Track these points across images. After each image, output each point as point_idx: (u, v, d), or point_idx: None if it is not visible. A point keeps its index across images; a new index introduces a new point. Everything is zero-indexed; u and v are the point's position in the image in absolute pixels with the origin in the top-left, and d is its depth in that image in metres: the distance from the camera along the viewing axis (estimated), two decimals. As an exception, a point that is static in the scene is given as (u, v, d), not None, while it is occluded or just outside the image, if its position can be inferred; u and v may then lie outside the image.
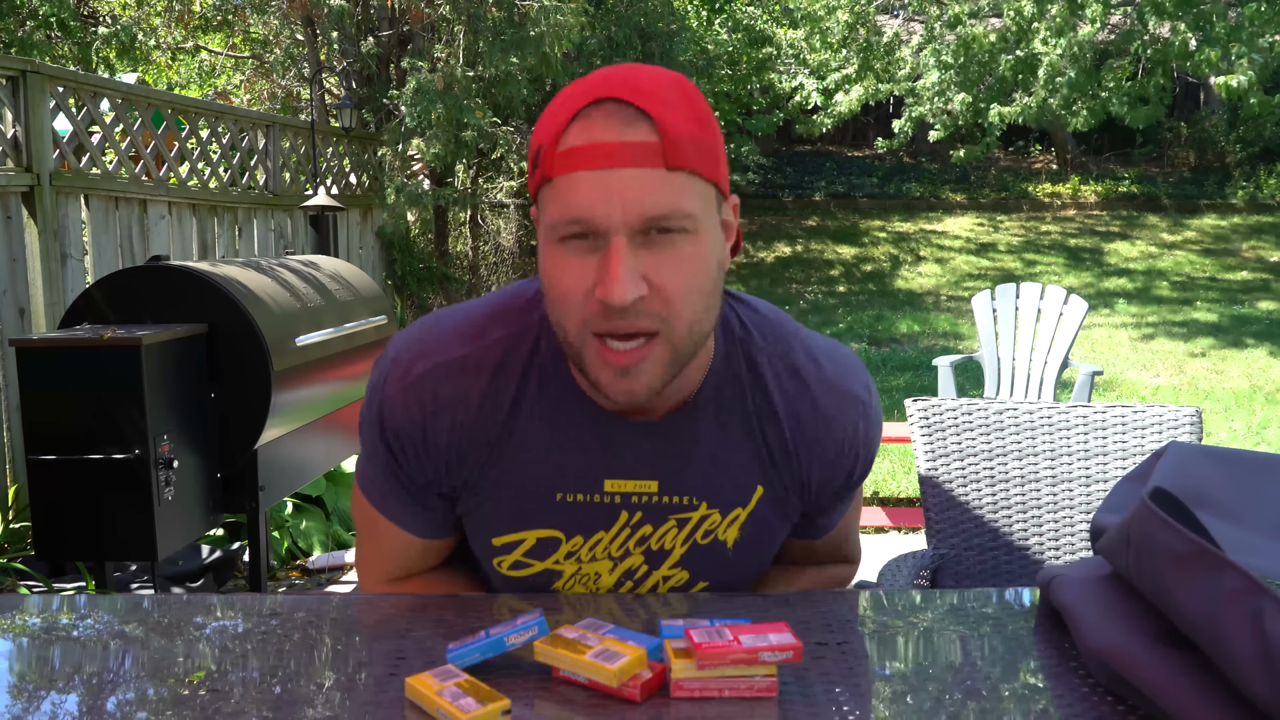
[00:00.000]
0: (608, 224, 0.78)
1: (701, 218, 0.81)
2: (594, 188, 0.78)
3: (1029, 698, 0.74)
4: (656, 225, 0.79)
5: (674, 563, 0.95)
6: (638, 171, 0.78)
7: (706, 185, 0.82)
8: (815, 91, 10.53)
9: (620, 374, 0.81)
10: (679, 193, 0.79)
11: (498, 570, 0.97)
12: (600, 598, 0.95)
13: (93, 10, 9.06)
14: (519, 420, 0.91)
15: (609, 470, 0.92)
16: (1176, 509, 0.79)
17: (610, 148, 0.78)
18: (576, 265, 0.80)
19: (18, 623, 0.90)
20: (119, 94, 4.08)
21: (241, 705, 0.73)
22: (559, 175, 0.80)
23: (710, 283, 0.83)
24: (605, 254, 0.79)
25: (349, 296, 3.13)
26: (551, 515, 0.93)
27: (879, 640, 0.84)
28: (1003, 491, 1.65)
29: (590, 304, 0.80)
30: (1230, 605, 0.64)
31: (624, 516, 0.93)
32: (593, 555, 0.94)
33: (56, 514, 2.19)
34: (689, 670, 0.73)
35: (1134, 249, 10.96)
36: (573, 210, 0.79)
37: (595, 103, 0.80)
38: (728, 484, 0.93)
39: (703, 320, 0.83)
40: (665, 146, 0.78)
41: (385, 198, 6.61)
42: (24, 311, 3.36)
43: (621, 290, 0.77)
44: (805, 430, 0.94)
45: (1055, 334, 4.09)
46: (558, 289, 0.82)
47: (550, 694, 0.74)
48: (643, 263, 0.79)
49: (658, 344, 0.81)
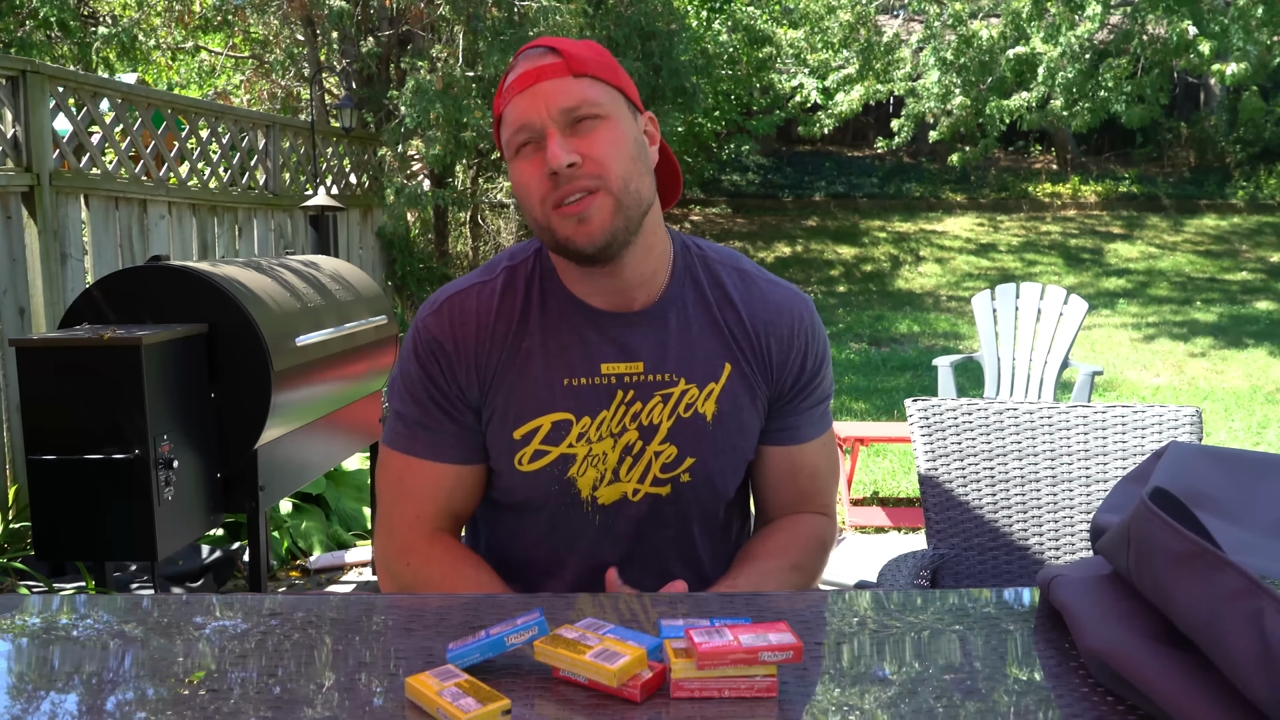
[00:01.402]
0: (540, 121, 1.02)
1: (609, 106, 1.04)
2: (525, 101, 1.03)
3: (1029, 697, 0.74)
4: (574, 114, 1.02)
5: (663, 437, 1.10)
6: (553, 81, 1.03)
7: (611, 88, 1.05)
8: (815, 91, 10.53)
9: (577, 222, 1.02)
10: (585, 89, 1.03)
11: (519, 470, 1.10)
12: (600, 597, 0.95)
13: (93, 10, 9.06)
14: (528, 323, 1.10)
15: (604, 355, 1.10)
16: (1176, 509, 0.79)
17: (529, 72, 1.04)
18: (530, 165, 1.04)
19: (18, 623, 0.90)
20: (119, 94, 4.08)
21: (241, 705, 0.73)
22: (505, 108, 1.05)
23: (631, 152, 1.05)
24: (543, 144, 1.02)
25: (349, 297, 3.13)
26: (561, 399, 1.09)
27: (879, 640, 0.84)
28: (1003, 491, 1.65)
29: (543, 184, 1.02)
30: (1230, 605, 0.64)
31: (619, 395, 1.10)
32: (599, 435, 1.10)
33: (56, 514, 2.19)
34: (689, 670, 0.73)
35: (1134, 249, 10.96)
36: (514, 122, 1.04)
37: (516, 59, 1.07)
38: (701, 361, 1.11)
39: (633, 179, 1.04)
40: (569, 61, 1.04)
41: (385, 198, 6.61)
42: (24, 311, 3.36)
43: (558, 158, 1.00)
44: (758, 314, 1.14)
45: (1055, 334, 4.09)
46: (521, 184, 1.05)
47: (550, 694, 0.74)
48: (572, 144, 1.02)
49: (599, 195, 1.02)
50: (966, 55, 8.99)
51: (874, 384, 6.30)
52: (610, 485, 1.11)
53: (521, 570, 1.16)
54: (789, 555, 1.17)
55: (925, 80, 9.43)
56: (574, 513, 1.12)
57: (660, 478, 1.11)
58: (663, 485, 1.11)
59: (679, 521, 1.14)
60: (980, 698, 0.74)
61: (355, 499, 3.62)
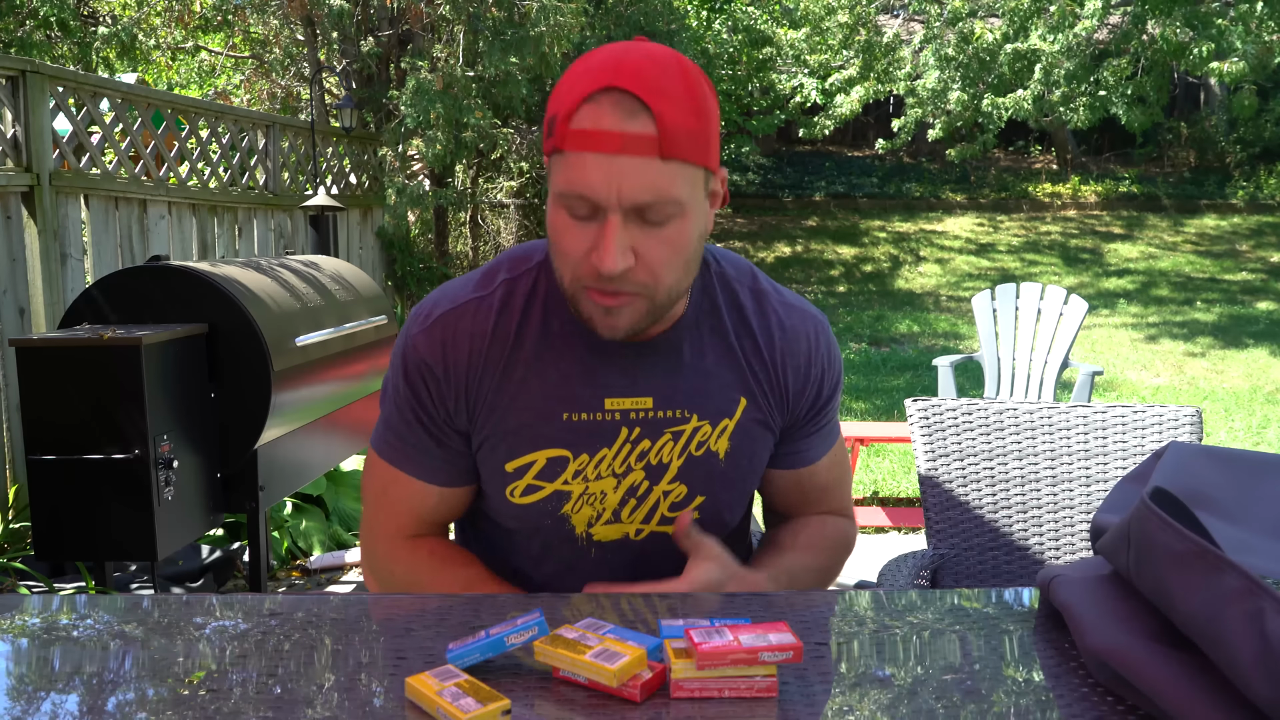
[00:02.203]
0: (606, 202, 0.89)
1: (688, 201, 0.92)
2: (597, 170, 0.89)
3: (1029, 697, 0.74)
4: (646, 213, 0.90)
5: (672, 476, 1.04)
6: (635, 160, 0.88)
7: (696, 170, 0.92)
8: (815, 92, 10.53)
9: (605, 313, 0.94)
10: (670, 181, 0.90)
11: (510, 501, 1.04)
12: (600, 598, 0.95)
13: (93, 10, 9.06)
14: (525, 348, 1.02)
15: (609, 389, 1.02)
16: (1177, 509, 0.79)
17: (613, 136, 0.88)
18: (577, 229, 0.92)
19: (18, 623, 0.90)
20: (119, 94, 4.08)
21: (241, 705, 0.73)
22: (569, 151, 0.90)
23: (691, 254, 0.96)
24: (602, 226, 0.90)
25: (349, 297, 3.13)
26: (559, 434, 1.02)
27: (879, 640, 0.84)
28: (1003, 491, 1.65)
29: (585, 265, 0.92)
30: (1230, 605, 0.64)
31: (624, 433, 1.02)
32: (598, 473, 1.03)
33: (56, 514, 2.19)
34: (689, 670, 0.73)
35: (1134, 249, 10.96)
36: (577, 186, 0.90)
37: (605, 89, 0.89)
38: (715, 396, 1.04)
39: (682, 282, 0.97)
40: (662, 139, 0.88)
41: (385, 198, 6.61)
42: (24, 311, 3.36)
43: (612, 262, 0.89)
44: (776, 342, 1.07)
45: (1055, 334, 4.09)
46: (559, 245, 0.94)
47: (550, 694, 0.74)
48: (633, 236, 0.91)
49: (639, 300, 0.94)
50: (966, 53, 8.98)
51: (874, 384, 6.30)
52: (609, 525, 1.05)
53: (516, 582, 1.12)
54: (817, 556, 1.13)
55: (924, 80, 9.43)
56: (569, 545, 1.07)
57: (668, 516, 1.05)
58: (670, 524, 1.05)
59: (683, 557, 1.07)
60: (980, 698, 0.74)
61: (355, 499, 3.62)
